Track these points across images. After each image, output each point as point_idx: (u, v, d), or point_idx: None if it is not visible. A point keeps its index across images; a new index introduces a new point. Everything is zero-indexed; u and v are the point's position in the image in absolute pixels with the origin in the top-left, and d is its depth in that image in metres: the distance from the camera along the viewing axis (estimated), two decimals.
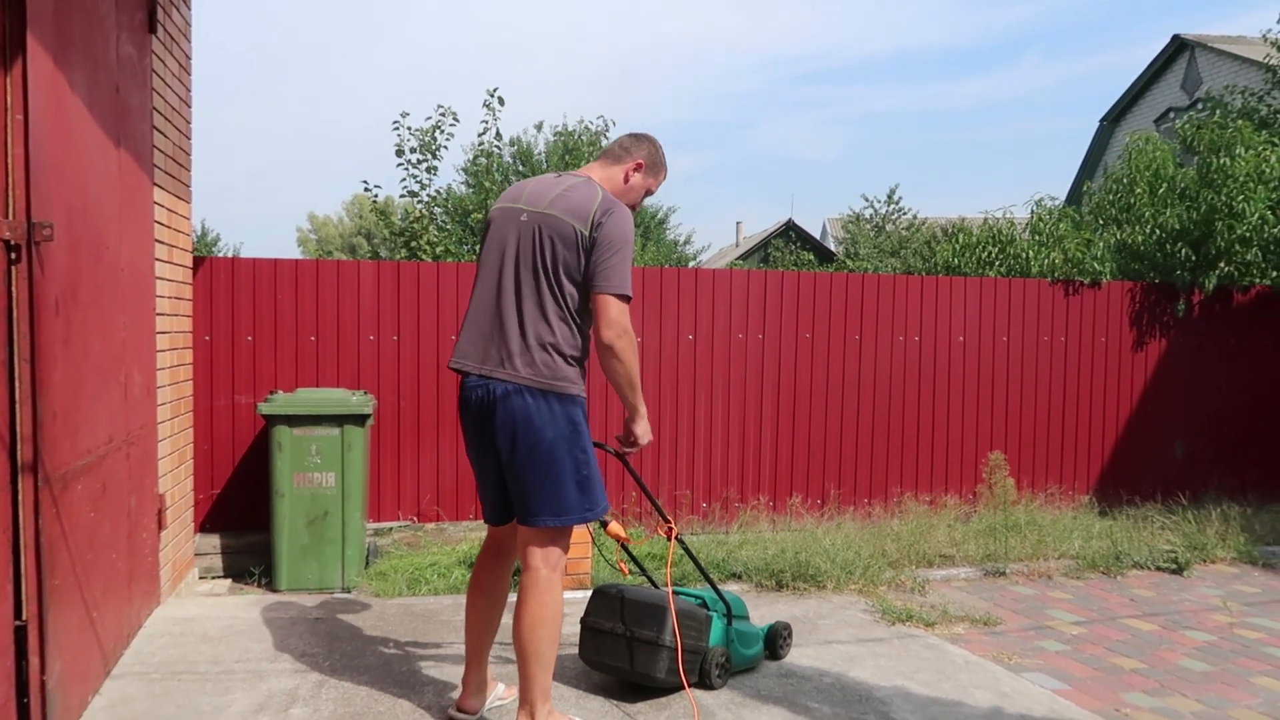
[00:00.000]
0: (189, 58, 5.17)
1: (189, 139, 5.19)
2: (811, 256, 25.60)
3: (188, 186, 5.18)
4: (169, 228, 4.75)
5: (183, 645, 3.98)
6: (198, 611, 4.49)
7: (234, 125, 70.34)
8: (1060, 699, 3.80)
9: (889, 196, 23.42)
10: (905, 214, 23.18)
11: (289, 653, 3.94)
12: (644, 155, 3.27)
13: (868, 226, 23.13)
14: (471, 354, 3.05)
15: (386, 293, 6.21)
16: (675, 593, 3.75)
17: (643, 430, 3.19)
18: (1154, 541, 6.42)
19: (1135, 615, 5.14)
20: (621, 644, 3.51)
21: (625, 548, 3.79)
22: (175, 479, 4.90)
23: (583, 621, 3.64)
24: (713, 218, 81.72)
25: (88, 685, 3.33)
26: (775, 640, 4.06)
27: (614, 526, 3.55)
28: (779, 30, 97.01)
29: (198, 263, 5.82)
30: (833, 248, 29.43)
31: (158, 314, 4.54)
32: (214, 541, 5.72)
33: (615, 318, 2.96)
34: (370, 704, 3.42)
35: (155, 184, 4.46)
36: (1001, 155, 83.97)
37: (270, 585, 5.35)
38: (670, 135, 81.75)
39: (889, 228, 22.82)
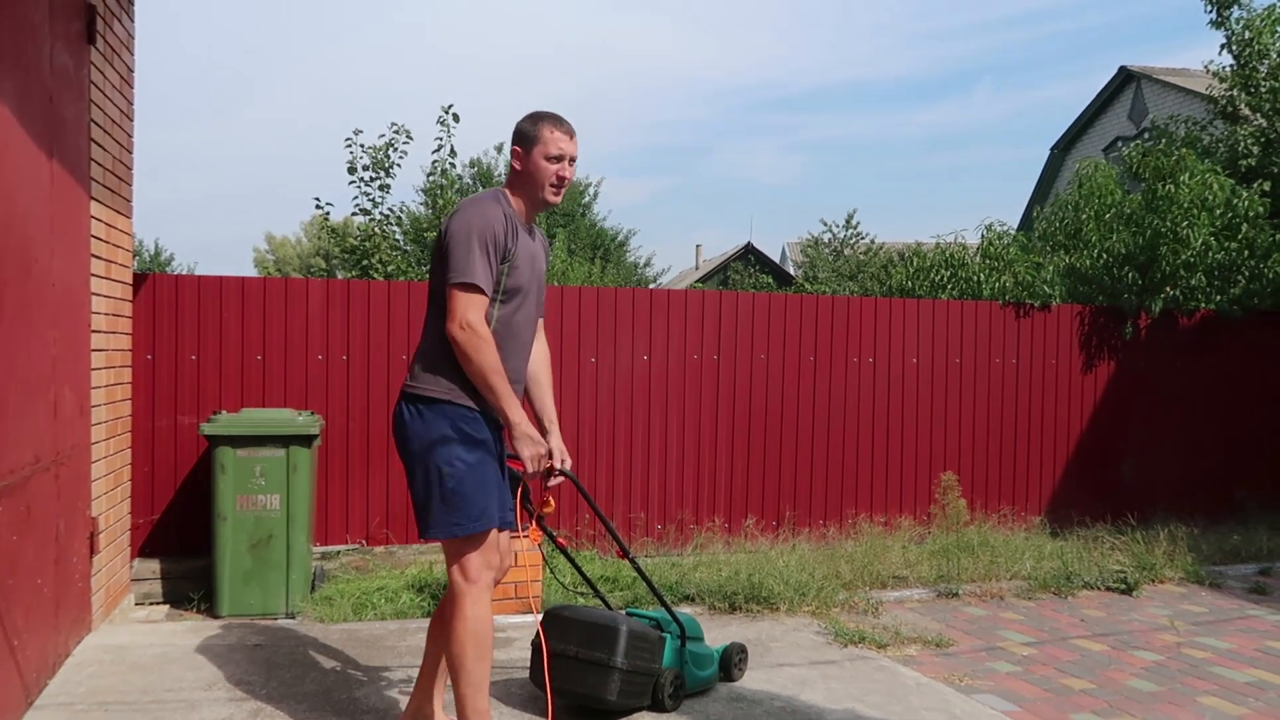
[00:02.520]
0: (131, 70, 5.06)
1: (130, 153, 5.07)
2: (770, 279, 25.76)
3: (129, 201, 5.06)
4: (107, 243, 4.62)
5: (112, 674, 3.83)
6: (131, 639, 4.33)
7: (190, 145, 69.44)
8: None
9: (847, 221, 23.66)
10: (863, 238, 23.42)
11: (225, 681, 3.80)
12: (516, 138, 3.09)
13: (826, 250, 23.33)
14: None
15: (336, 312, 6.10)
16: (629, 614, 3.70)
17: (522, 444, 2.92)
18: (1104, 562, 6.48)
19: (1085, 635, 5.16)
20: (573, 666, 3.42)
21: (575, 565, 3.75)
22: (110, 501, 4.74)
23: (533, 644, 3.53)
24: (673, 241, 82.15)
25: (5, 718, 3.18)
26: (730, 661, 4.00)
27: (533, 531, 3.21)
28: (738, 58, 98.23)
29: (140, 280, 5.68)
30: (792, 271, 29.68)
31: (94, 331, 4.41)
32: (153, 566, 5.54)
33: (455, 309, 2.86)
34: None
35: (93, 198, 4.34)
36: (957, 182, 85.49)
37: (211, 611, 5.19)
38: (631, 159, 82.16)
39: (847, 252, 23.04)
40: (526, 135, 3.07)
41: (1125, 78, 19.98)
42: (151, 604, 5.43)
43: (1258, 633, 5.28)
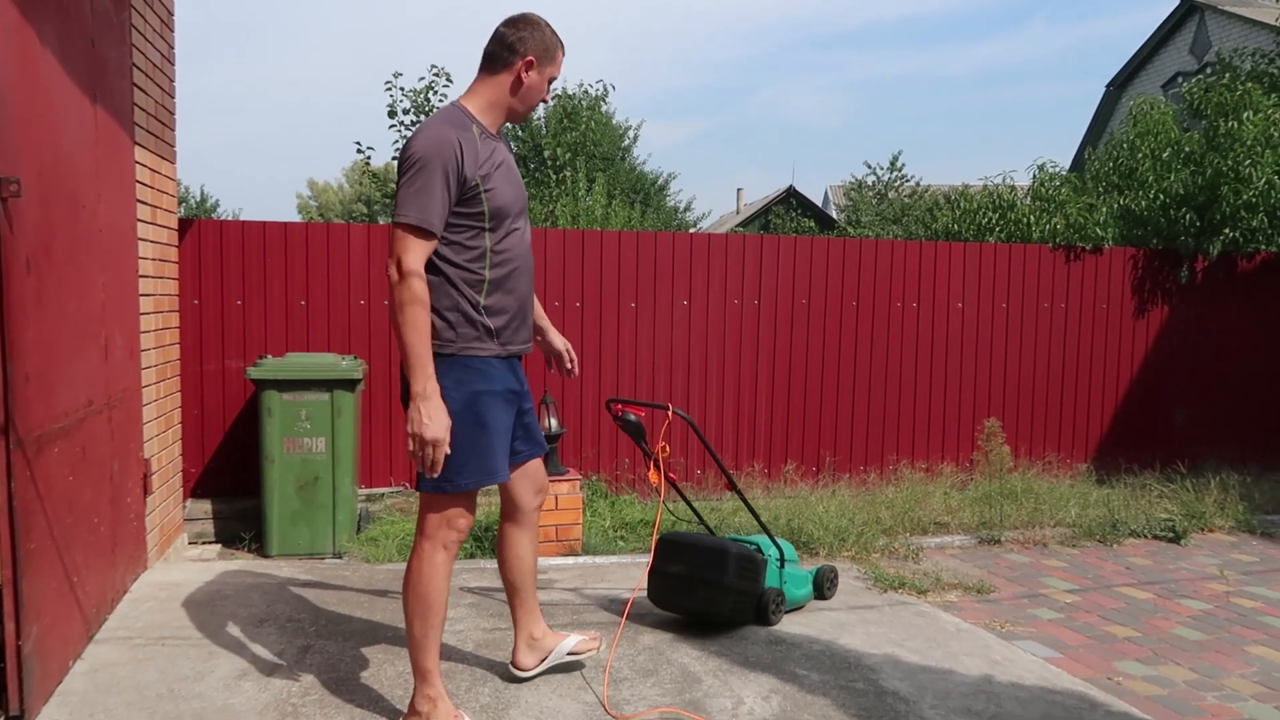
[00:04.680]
0: (171, 14, 5.04)
1: (172, 98, 5.08)
2: (813, 224, 25.39)
3: (172, 147, 5.08)
4: (152, 188, 4.66)
5: (168, 610, 3.95)
6: (185, 577, 4.46)
7: (235, 90, 69.73)
8: (1052, 667, 3.76)
9: (892, 163, 23.14)
10: (908, 181, 22.93)
11: (275, 618, 3.91)
12: (533, 47, 2.82)
13: (870, 194, 22.90)
14: None
15: (377, 257, 6.12)
16: (734, 540, 4.06)
17: (412, 415, 2.58)
18: (1151, 510, 6.38)
19: (1131, 583, 5.11)
20: (689, 584, 3.81)
21: (685, 498, 4.20)
22: (162, 443, 4.85)
23: (651, 569, 3.89)
24: (713, 184, 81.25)
25: (68, 650, 3.30)
26: (822, 583, 4.38)
27: (653, 475, 3.60)
28: None
29: (185, 225, 5.74)
30: (835, 215, 29.21)
31: (141, 276, 4.46)
32: (205, 507, 5.68)
33: (394, 248, 2.60)
34: (354, 670, 3.39)
35: (136, 143, 4.36)
36: (1007, 122, 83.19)
37: (261, 551, 5.32)
38: (672, 101, 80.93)
39: (891, 195, 22.59)
40: (548, 50, 2.85)
41: (1188, 9, 19.16)
42: (204, 543, 5.58)
43: None
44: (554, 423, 5.16)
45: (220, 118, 68.55)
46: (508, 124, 3.04)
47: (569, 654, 3.36)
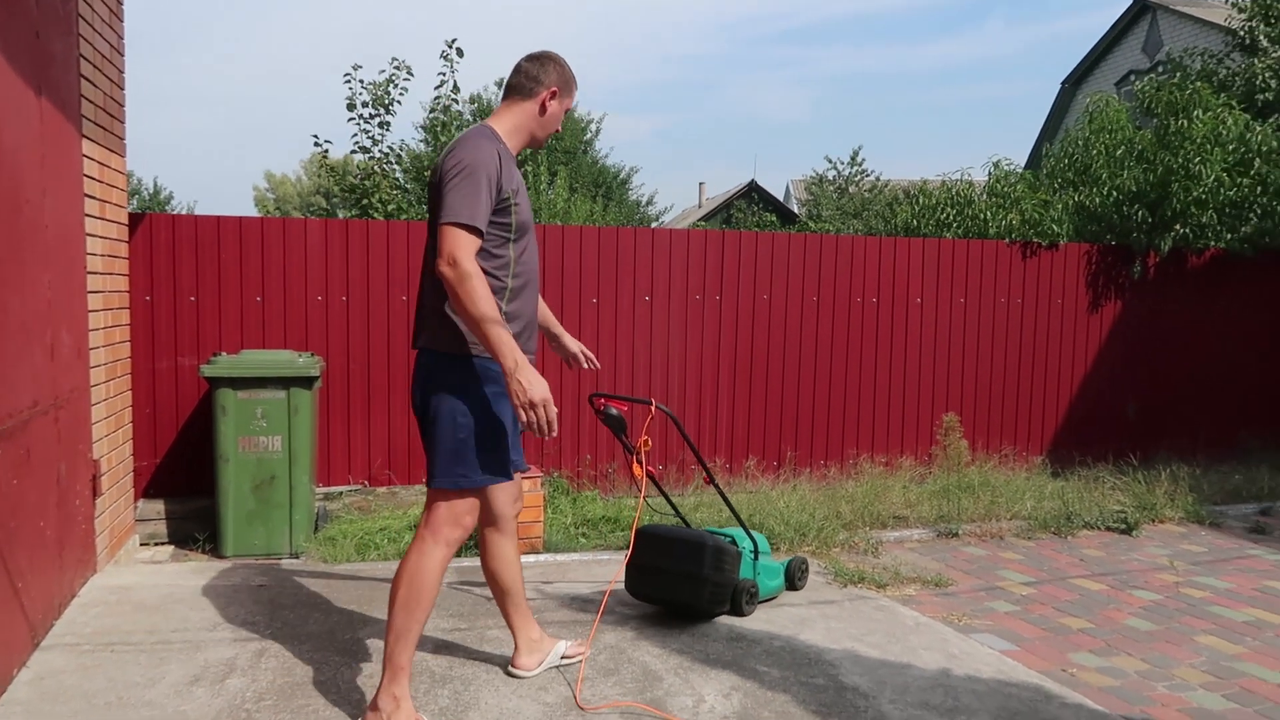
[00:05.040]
0: (120, 3, 4.92)
1: (122, 89, 4.96)
2: (774, 218, 25.48)
3: (121, 139, 4.96)
4: (101, 182, 4.55)
5: (118, 614, 3.87)
6: (136, 579, 4.37)
7: (190, 81, 68.45)
8: (1008, 660, 3.82)
9: (852, 158, 23.31)
10: (868, 176, 23.12)
11: (229, 621, 3.84)
12: (555, 79, 3.07)
13: (830, 188, 23.04)
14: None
15: (335, 252, 6.04)
16: (710, 532, 4.13)
17: (515, 388, 2.70)
18: (1104, 502, 6.50)
19: (1084, 575, 5.19)
20: (667, 577, 3.91)
21: (663, 492, 4.36)
22: (112, 443, 4.74)
23: (627, 562, 3.98)
24: (676, 178, 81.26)
25: (12, 658, 3.21)
26: (794, 574, 4.50)
27: (636, 469, 3.57)
28: None
29: (136, 220, 5.61)
30: (795, 209, 29.36)
31: (90, 272, 4.36)
32: (157, 507, 5.57)
33: (446, 248, 2.73)
34: (310, 673, 3.34)
35: (84, 136, 4.25)
36: (966, 118, 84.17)
37: (215, 552, 5.23)
38: (633, 95, 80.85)
39: (851, 189, 22.75)
40: (568, 83, 3.13)
41: (1140, 8, 19.50)
42: (156, 544, 5.47)
43: (1256, 572, 5.31)
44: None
45: (175, 108, 67.21)
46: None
47: (563, 657, 3.46)
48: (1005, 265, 7.53)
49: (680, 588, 3.89)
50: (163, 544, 5.49)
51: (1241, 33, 10.28)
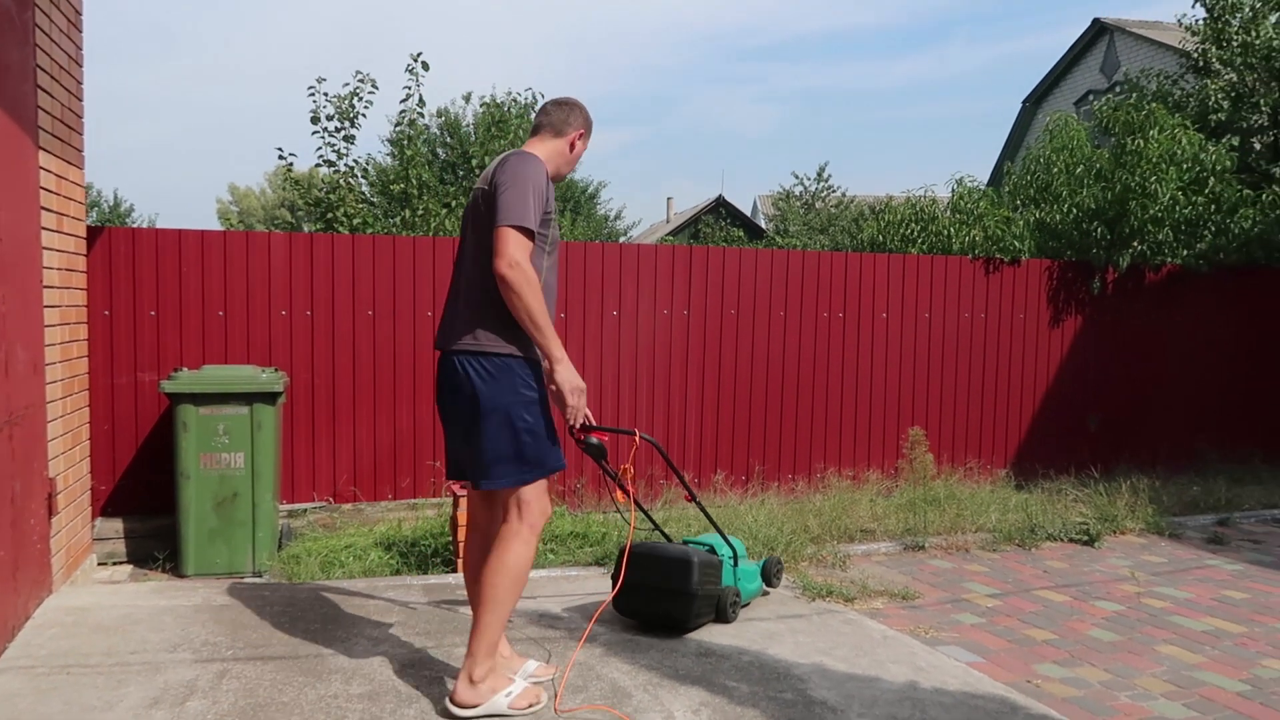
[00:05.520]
0: (79, 12, 4.85)
1: (80, 100, 4.89)
2: (741, 233, 25.64)
3: (80, 151, 4.88)
4: (58, 195, 4.47)
5: (75, 636, 3.77)
6: (93, 600, 4.27)
7: (153, 92, 67.64)
8: (974, 672, 3.84)
9: (819, 174, 23.57)
10: (834, 192, 23.37)
11: (190, 642, 3.76)
12: (582, 124, 3.39)
13: (798, 204, 23.26)
14: (441, 328, 3.24)
15: (300, 266, 5.98)
16: (688, 543, 4.27)
17: (564, 378, 3.05)
18: (1067, 514, 6.58)
19: (1048, 586, 5.25)
20: (654, 594, 3.97)
21: (649, 516, 4.34)
22: (69, 460, 4.64)
23: (613, 576, 4.03)
24: (644, 193, 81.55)
25: None
26: (770, 573, 4.64)
27: (619, 495, 3.72)
28: (713, 4, 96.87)
29: (95, 233, 5.53)
30: (763, 224, 29.57)
31: (46, 286, 4.27)
32: (116, 526, 5.47)
33: (505, 249, 2.95)
34: (274, 694, 3.28)
35: (41, 148, 4.18)
36: (930, 135, 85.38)
37: (176, 571, 5.14)
38: (601, 109, 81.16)
39: (818, 205, 22.98)
40: (589, 127, 3.42)
41: (1098, 30, 19.93)
42: (115, 564, 5.37)
43: (1215, 582, 5.40)
44: None
45: (137, 119, 66.35)
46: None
47: (529, 677, 3.44)
48: (969, 281, 7.63)
49: (669, 603, 3.97)
50: (121, 563, 5.38)
51: (1195, 55, 10.53)
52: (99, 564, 5.30)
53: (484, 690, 3.08)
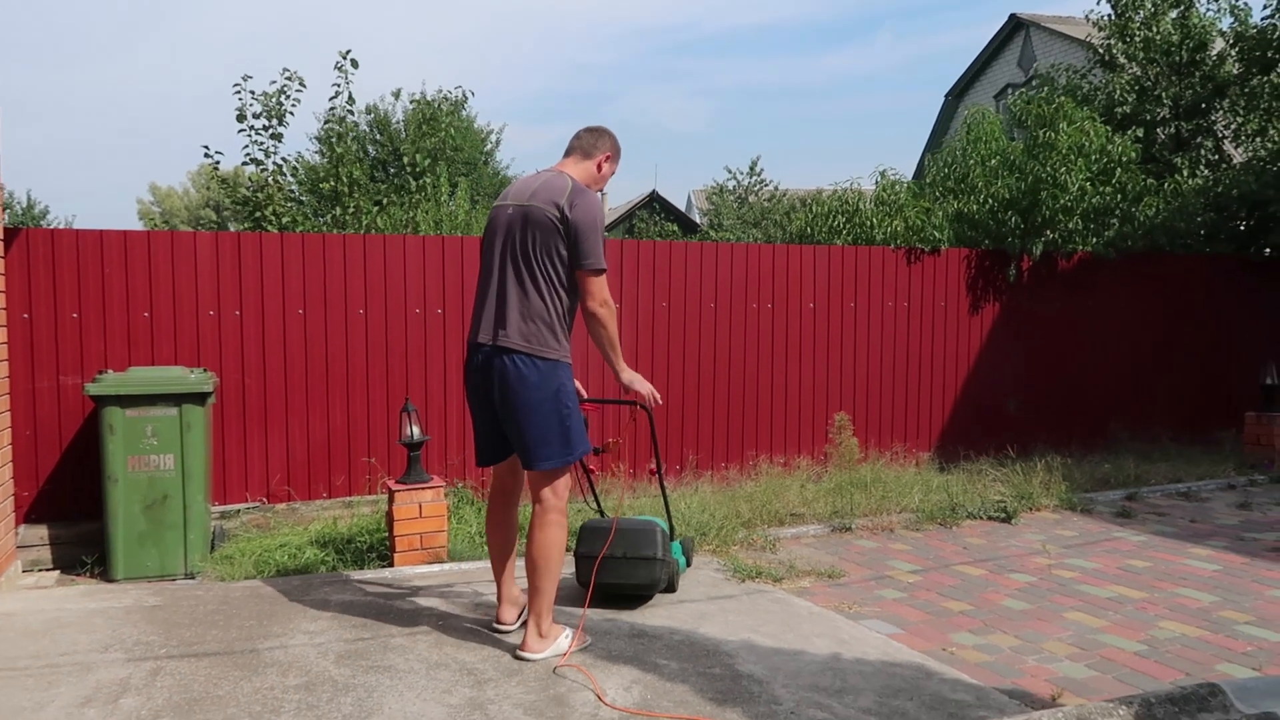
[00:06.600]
0: None
1: None
2: (676, 227, 25.83)
3: None
4: None
5: (1, 641, 3.74)
6: (20, 606, 4.23)
7: (67, 91, 65.36)
8: (894, 642, 4.03)
9: (751, 168, 23.82)
10: (767, 185, 23.67)
11: (122, 642, 3.76)
12: (610, 147, 3.84)
13: (731, 198, 23.51)
14: (479, 328, 3.65)
15: (227, 265, 5.94)
16: (637, 519, 4.51)
17: (631, 378, 3.77)
18: (986, 493, 6.86)
19: (966, 561, 5.49)
20: (622, 564, 4.26)
21: (593, 489, 4.72)
22: None
23: (576, 553, 4.34)
24: None
25: None
26: (689, 551, 4.94)
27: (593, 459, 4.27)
28: (642, 1, 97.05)
29: (11, 234, 5.42)
30: (697, 219, 29.81)
31: None
32: (40, 532, 5.37)
33: (596, 290, 3.56)
34: (209, 689, 3.31)
35: None
36: (858, 128, 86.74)
37: (105, 575, 5.08)
38: (533, 105, 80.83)
39: (751, 199, 23.26)
40: (618, 151, 3.89)
41: (1015, 25, 20.55)
42: (41, 570, 5.28)
43: (1121, 553, 5.70)
44: (416, 431, 5.15)
45: (51, 118, 63.96)
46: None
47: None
48: (891, 270, 7.88)
49: (638, 570, 4.28)
50: (48, 570, 5.30)
51: (1101, 50, 10.99)
52: (24, 571, 5.21)
53: (549, 641, 3.65)
